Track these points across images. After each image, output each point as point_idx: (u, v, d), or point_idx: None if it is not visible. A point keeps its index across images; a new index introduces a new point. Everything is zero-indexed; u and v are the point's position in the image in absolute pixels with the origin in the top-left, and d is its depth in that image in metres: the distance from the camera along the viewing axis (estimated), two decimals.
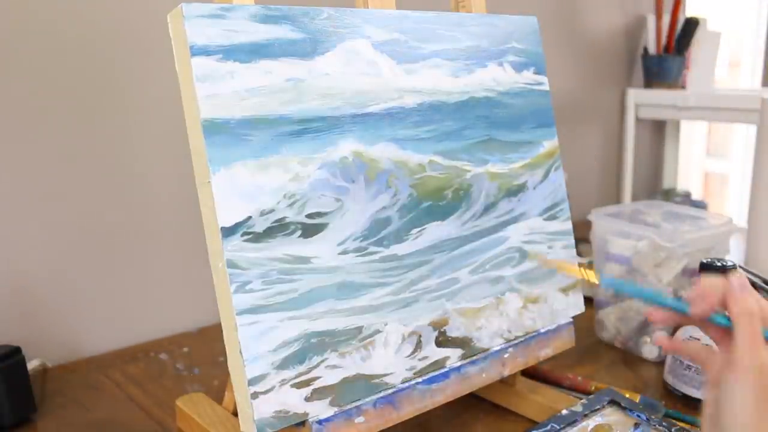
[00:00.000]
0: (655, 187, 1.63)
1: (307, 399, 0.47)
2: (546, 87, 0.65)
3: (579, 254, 0.96)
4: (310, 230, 0.48)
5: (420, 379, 0.53)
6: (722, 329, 0.44)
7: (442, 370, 0.55)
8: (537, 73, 0.65)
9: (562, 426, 0.57)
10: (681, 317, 0.46)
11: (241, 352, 0.44)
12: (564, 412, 0.59)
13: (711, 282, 0.46)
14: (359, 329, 0.50)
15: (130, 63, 0.80)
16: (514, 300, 0.61)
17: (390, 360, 0.51)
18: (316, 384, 0.47)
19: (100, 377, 0.75)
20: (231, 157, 0.45)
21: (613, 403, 0.62)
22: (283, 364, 0.46)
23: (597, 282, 0.50)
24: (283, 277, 0.47)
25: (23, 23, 0.72)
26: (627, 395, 0.63)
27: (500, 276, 0.60)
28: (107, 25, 0.78)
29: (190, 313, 0.88)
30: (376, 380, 0.51)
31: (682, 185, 1.70)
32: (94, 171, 0.79)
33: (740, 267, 0.68)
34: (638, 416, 0.60)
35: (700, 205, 1.44)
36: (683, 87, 1.46)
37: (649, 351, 0.75)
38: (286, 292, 0.47)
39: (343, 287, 0.49)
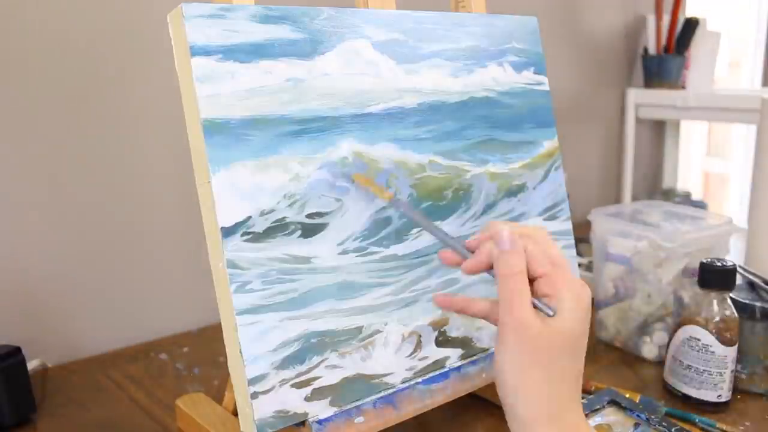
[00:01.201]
0: (655, 187, 1.63)
1: (307, 399, 0.47)
2: (546, 87, 0.65)
3: (579, 254, 0.97)
4: (310, 230, 0.48)
5: (420, 379, 0.53)
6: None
7: (442, 370, 0.55)
8: (537, 73, 0.65)
9: None
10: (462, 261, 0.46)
11: (241, 352, 0.44)
12: None
13: (486, 238, 0.45)
14: (359, 329, 0.50)
15: (130, 63, 0.80)
16: None
17: (390, 360, 0.51)
18: (316, 384, 0.47)
19: (100, 377, 0.75)
20: (231, 157, 0.45)
21: (613, 403, 0.62)
22: (283, 364, 0.46)
23: (388, 198, 0.49)
24: (283, 277, 0.47)
25: (23, 23, 0.72)
26: (627, 395, 0.63)
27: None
28: (107, 25, 0.78)
29: (190, 313, 0.88)
30: (376, 380, 0.51)
31: (682, 185, 1.70)
32: (94, 171, 0.79)
33: (740, 267, 0.68)
34: (638, 416, 0.60)
35: (700, 205, 1.44)
36: (683, 87, 1.46)
37: (649, 351, 0.75)
38: (286, 292, 0.47)
39: (343, 287, 0.50)
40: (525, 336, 0.40)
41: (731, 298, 0.65)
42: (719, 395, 0.64)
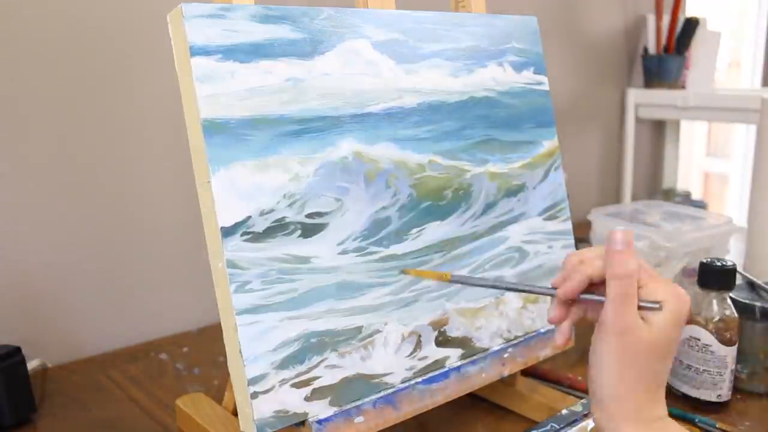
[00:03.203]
0: (655, 187, 1.63)
1: (307, 399, 0.47)
2: (546, 87, 0.65)
3: None
4: (309, 230, 0.48)
5: (420, 379, 0.53)
6: (602, 304, 0.43)
7: (442, 370, 0.55)
8: (537, 72, 0.65)
9: (562, 426, 0.57)
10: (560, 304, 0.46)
11: (240, 352, 0.44)
12: (564, 412, 0.59)
13: (578, 258, 0.45)
14: (359, 329, 0.50)
15: (130, 63, 0.80)
16: (514, 300, 0.61)
17: (390, 360, 0.51)
18: (316, 384, 0.47)
19: (100, 377, 0.75)
20: (231, 157, 0.45)
21: None
22: (283, 364, 0.46)
23: (448, 279, 0.49)
24: (282, 276, 0.47)
25: (22, 23, 0.72)
26: None
27: (500, 276, 0.60)
28: (107, 25, 0.78)
29: (190, 313, 0.88)
30: (376, 380, 0.51)
31: (682, 185, 1.70)
32: (94, 171, 0.79)
33: (739, 272, 0.68)
34: None
35: (700, 205, 1.44)
36: (683, 87, 1.46)
37: None
38: (285, 292, 0.47)
39: (342, 287, 0.50)
40: (628, 340, 0.41)
41: (731, 298, 0.65)
42: (719, 395, 0.64)
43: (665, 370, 0.44)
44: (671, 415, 0.62)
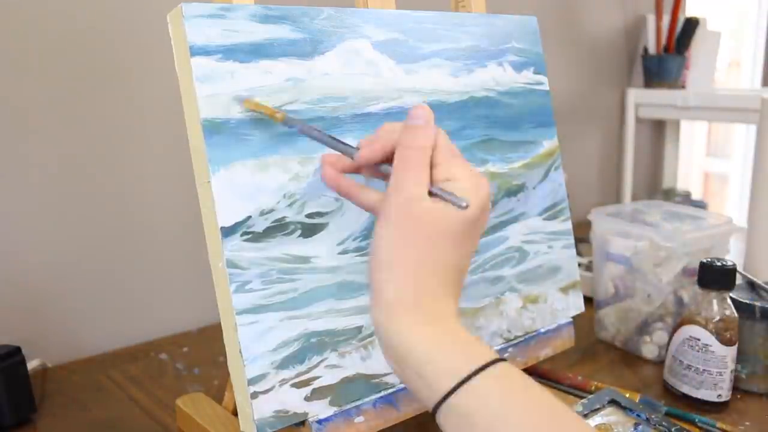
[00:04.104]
0: (655, 187, 1.63)
1: (307, 399, 0.47)
2: (546, 87, 0.65)
3: (579, 254, 0.97)
4: (309, 230, 0.48)
5: None
6: None
7: None
8: (537, 72, 0.65)
9: None
10: (352, 164, 0.43)
11: (240, 352, 0.44)
12: None
13: (391, 126, 0.42)
14: (359, 329, 0.50)
15: (130, 63, 0.80)
16: (514, 300, 0.61)
17: None
18: (316, 384, 0.47)
19: (100, 377, 0.75)
20: (231, 157, 0.45)
21: (613, 402, 0.62)
22: (283, 364, 0.46)
23: (281, 118, 0.45)
24: (282, 276, 0.47)
25: (22, 23, 0.72)
26: (627, 395, 0.63)
27: (500, 276, 0.60)
28: (107, 25, 0.78)
29: (190, 313, 0.88)
30: (376, 380, 0.51)
31: (682, 185, 1.70)
32: (94, 171, 0.79)
33: (739, 272, 0.68)
34: (638, 416, 0.60)
35: (700, 205, 1.44)
36: (683, 87, 1.46)
37: (649, 351, 0.75)
38: (285, 292, 0.47)
39: (342, 287, 0.50)
40: (410, 212, 0.38)
41: (731, 297, 0.65)
42: (719, 395, 0.64)
43: (458, 260, 0.39)
44: (671, 414, 0.63)
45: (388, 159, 0.41)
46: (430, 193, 0.39)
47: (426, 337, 0.37)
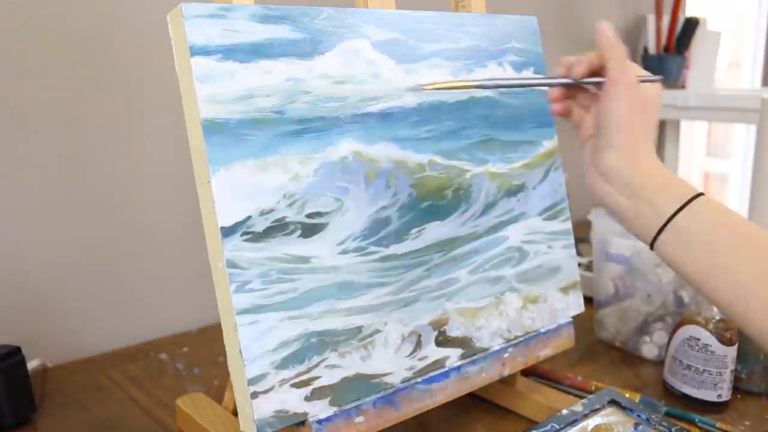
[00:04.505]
0: None
1: (307, 399, 0.47)
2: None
3: (579, 254, 0.97)
4: (309, 230, 0.48)
5: (420, 379, 0.53)
6: (591, 94, 0.53)
7: (442, 370, 0.55)
8: (537, 72, 0.65)
9: (562, 426, 0.57)
10: (564, 89, 0.54)
11: (241, 352, 0.44)
12: (564, 412, 0.59)
13: (577, 55, 0.54)
14: (359, 329, 0.50)
15: (130, 63, 0.80)
16: (514, 300, 0.61)
17: (390, 360, 0.51)
18: (316, 384, 0.47)
19: (100, 377, 0.75)
20: (231, 156, 0.45)
21: (613, 402, 0.62)
22: (283, 364, 0.46)
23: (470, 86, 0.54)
24: (282, 276, 0.47)
25: (21, 24, 0.72)
26: (627, 395, 0.63)
27: (500, 276, 0.60)
28: (107, 25, 0.78)
29: (190, 313, 0.88)
30: (376, 380, 0.51)
31: None
32: (95, 171, 0.79)
33: None
34: (638, 416, 0.60)
35: None
36: (683, 87, 1.46)
37: (649, 351, 0.75)
38: (285, 292, 0.47)
39: (342, 287, 0.50)
40: (633, 92, 0.49)
41: None
42: (719, 395, 0.64)
43: (654, 130, 0.52)
44: (671, 414, 0.63)
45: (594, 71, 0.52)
46: None
47: (658, 171, 0.49)
